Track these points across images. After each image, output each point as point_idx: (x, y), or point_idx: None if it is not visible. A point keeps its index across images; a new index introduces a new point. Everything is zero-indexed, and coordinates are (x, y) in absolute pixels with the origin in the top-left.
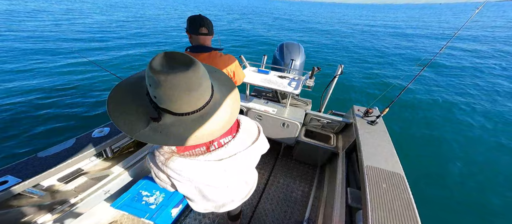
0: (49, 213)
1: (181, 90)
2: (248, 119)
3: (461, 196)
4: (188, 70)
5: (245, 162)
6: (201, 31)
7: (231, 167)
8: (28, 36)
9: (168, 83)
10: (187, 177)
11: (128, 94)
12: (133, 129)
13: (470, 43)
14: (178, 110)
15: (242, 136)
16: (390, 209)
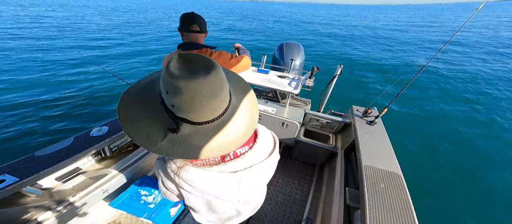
0: (47, 212)
1: (204, 97)
2: (264, 128)
3: (460, 196)
4: (210, 74)
5: (261, 175)
6: (192, 29)
7: (246, 180)
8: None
9: (190, 90)
10: (198, 188)
11: (140, 101)
12: (150, 142)
13: (470, 43)
14: (198, 119)
15: (260, 147)
16: (388, 208)
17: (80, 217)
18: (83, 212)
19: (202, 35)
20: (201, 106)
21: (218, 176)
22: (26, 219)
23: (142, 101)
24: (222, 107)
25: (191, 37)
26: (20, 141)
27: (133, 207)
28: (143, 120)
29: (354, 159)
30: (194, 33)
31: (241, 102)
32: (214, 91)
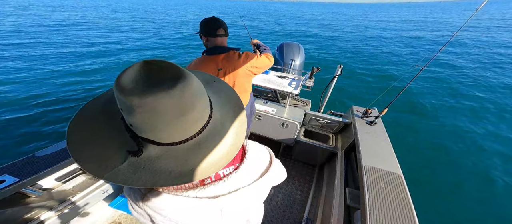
0: (47, 212)
1: (168, 117)
2: (257, 144)
3: (460, 196)
4: (174, 88)
5: (250, 199)
6: (219, 33)
7: (230, 206)
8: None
9: (147, 108)
10: (170, 218)
11: (98, 117)
12: (101, 166)
13: (471, 42)
14: (166, 140)
15: (248, 167)
16: (388, 209)
17: (80, 217)
18: (83, 213)
19: (226, 38)
20: (166, 127)
21: (195, 203)
22: (26, 219)
23: (104, 115)
24: (197, 125)
25: (216, 41)
26: (20, 141)
27: None
28: (100, 137)
29: (354, 159)
30: (220, 37)
31: (227, 118)
32: (182, 109)
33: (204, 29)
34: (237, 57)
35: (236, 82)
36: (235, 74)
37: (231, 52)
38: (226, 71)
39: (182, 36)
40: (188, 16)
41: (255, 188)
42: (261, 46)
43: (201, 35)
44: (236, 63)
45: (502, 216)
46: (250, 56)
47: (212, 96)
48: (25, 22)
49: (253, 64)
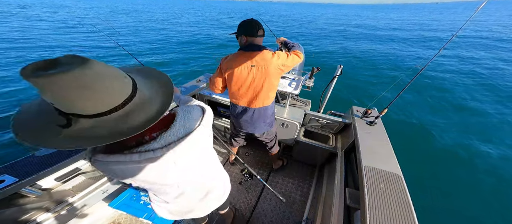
0: (47, 213)
1: (73, 91)
2: (192, 104)
3: (460, 197)
4: (74, 68)
5: (192, 147)
6: (260, 34)
7: (183, 157)
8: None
9: (52, 86)
10: (121, 177)
11: (35, 106)
12: (39, 137)
13: (472, 43)
14: (91, 112)
15: (180, 124)
16: (388, 209)
17: (80, 217)
18: (82, 213)
19: (262, 39)
20: (78, 99)
21: (134, 164)
22: (25, 219)
23: (38, 104)
24: (116, 98)
25: (255, 41)
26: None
27: (132, 208)
28: (38, 122)
29: (354, 160)
30: (259, 38)
31: (157, 95)
32: (85, 84)
33: (245, 30)
34: (270, 56)
35: (267, 78)
36: (266, 72)
37: (265, 51)
38: (258, 67)
39: (190, 39)
40: (191, 18)
41: (190, 140)
42: (289, 44)
43: (239, 35)
44: (268, 61)
45: (503, 215)
46: (281, 55)
47: (142, 80)
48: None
49: (283, 63)
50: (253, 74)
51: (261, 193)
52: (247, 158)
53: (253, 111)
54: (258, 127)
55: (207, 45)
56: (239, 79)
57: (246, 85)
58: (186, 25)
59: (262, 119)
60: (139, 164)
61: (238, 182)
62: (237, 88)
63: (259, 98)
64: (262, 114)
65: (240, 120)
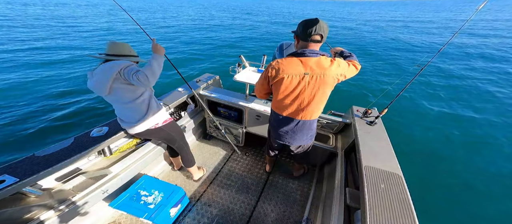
0: (47, 212)
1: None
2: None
3: (460, 197)
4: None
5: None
6: (315, 39)
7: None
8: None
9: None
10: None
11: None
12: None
13: (471, 42)
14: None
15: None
16: (388, 209)
17: (80, 217)
18: (83, 213)
19: (320, 44)
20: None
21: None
22: (26, 219)
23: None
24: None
25: (310, 46)
26: (20, 141)
27: (133, 208)
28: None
29: (354, 160)
30: (315, 43)
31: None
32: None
33: (300, 31)
34: (328, 63)
35: (321, 88)
36: (323, 81)
37: (322, 58)
38: (313, 75)
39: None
40: (192, 14)
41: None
42: (345, 53)
43: (296, 36)
44: (326, 69)
45: (503, 215)
46: (342, 64)
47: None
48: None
49: (343, 72)
50: (305, 82)
51: (261, 193)
52: (247, 158)
53: (297, 122)
54: (298, 139)
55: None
56: (287, 88)
57: (295, 95)
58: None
59: (306, 132)
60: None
61: (238, 182)
62: (283, 96)
63: (308, 109)
64: (307, 126)
65: (279, 131)
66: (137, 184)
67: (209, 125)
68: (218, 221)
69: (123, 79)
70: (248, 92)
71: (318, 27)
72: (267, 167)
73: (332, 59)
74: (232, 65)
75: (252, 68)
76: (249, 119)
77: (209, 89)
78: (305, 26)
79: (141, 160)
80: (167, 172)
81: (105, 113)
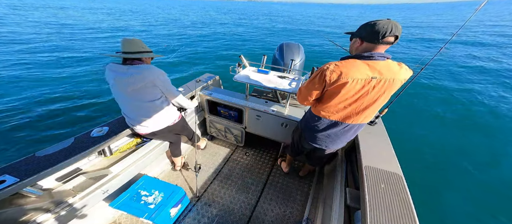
0: (47, 213)
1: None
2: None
3: (460, 197)
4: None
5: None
6: (387, 41)
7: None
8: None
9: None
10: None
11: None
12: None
13: (472, 42)
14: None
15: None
16: (388, 209)
17: (80, 217)
18: (83, 213)
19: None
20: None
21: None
22: (26, 219)
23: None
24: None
25: (379, 49)
26: (20, 141)
27: (133, 208)
28: None
29: (355, 160)
30: (384, 45)
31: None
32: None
33: (371, 31)
34: (398, 67)
35: (387, 92)
36: (391, 85)
37: (390, 61)
38: (382, 80)
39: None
40: (190, 16)
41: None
42: None
43: (359, 37)
44: (396, 74)
45: (504, 215)
46: (408, 69)
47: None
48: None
49: (407, 78)
50: (369, 87)
51: (261, 193)
52: (247, 157)
53: (345, 126)
54: (338, 143)
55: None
56: (348, 92)
57: (353, 99)
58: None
59: (349, 136)
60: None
61: (238, 182)
62: (339, 101)
63: (364, 113)
64: (354, 130)
65: (318, 134)
66: (137, 184)
67: (209, 125)
68: (218, 221)
69: (152, 85)
70: (248, 92)
71: (394, 27)
72: (285, 168)
73: (398, 63)
74: (232, 65)
75: (252, 68)
76: (249, 119)
77: (209, 89)
78: (376, 26)
79: (141, 160)
80: (167, 172)
81: (105, 113)
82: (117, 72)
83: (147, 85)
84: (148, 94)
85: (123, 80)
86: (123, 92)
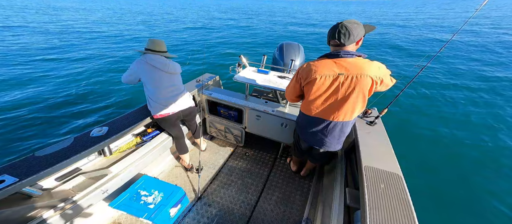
0: (47, 212)
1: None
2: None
3: (460, 197)
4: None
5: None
6: (344, 41)
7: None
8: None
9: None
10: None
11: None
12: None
13: (472, 42)
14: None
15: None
16: (388, 209)
17: (80, 217)
18: (83, 213)
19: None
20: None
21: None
22: (26, 219)
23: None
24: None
25: (345, 48)
26: (20, 141)
27: (133, 208)
28: None
29: (354, 160)
30: (347, 45)
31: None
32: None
33: (330, 34)
34: (367, 64)
35: (357, 88)
36: (359, 81)
37: (360, 58)
38: (349, 76)
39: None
40: (190, 16)
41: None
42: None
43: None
44: (364, 70)
45: (504, 215)
46: (383, 68)
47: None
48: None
49: (380, 76)
50: (338, 83)
51: (261, 193)
52: (247, 157)
53: (328, 124)
54: (327, 143)
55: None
56: (319, 89)
57: (326, 95)
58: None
59: (338, 136)
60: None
61: (238, 182)
62: (314, 98)
63: (343, 110)
64: (339, 129)
65: (307, 131)
66: (137, 184)
67: (209, 125)
68: (218, 221)
69: (179, 73)
70: (248, 92)
71: (336, 33)
72: (293, 167)
73: (369, 60)
74: (232, 65)
75: (252, 68)
76: (249, 119)
77: (209, 89)
78: (334, 29)
79: (141, 160)
80: (167, 172)
81: (105, 113)
82: (161, 62)
83: (178, 73)
84: (179, 79)
85: (172, 66)
86: (167, 75)
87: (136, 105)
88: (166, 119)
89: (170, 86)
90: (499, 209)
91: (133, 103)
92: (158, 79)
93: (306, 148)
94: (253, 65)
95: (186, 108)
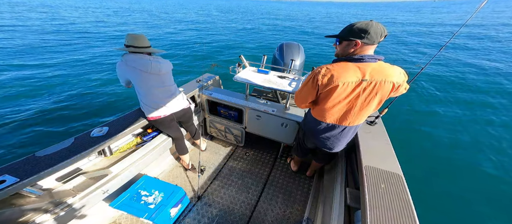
0: (47, 213)
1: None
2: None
3: (461, 196)
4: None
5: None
6: (374, 40)
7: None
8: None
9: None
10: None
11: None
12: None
13: (472, 42)
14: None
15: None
16: (388, 209)
17: (80, 217)
18: (83, 213)
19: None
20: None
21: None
22: (26, 219)
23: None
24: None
25: (371, 50)
26: (20, 141)
27: (133, 208)
28: None
29: (355, 159)
30: (373, 45)
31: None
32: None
33: (363, 33)
34: (391, 69)
35: (379, 94)
36: (383, 87)
37: (382, 63)
38: (373, 82)
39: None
40: (192, 15)
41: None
42: None
43: (347, 40)
44: (389, 76)
45: (505, 215)
46: (403, 72)
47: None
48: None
49: (401, 83)
50: (361, 89)
51: (261, 193)
52: (247, 158)
53: (342, 129)
54: (341, 144)
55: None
56: (339, 96)
57: (346, 102)
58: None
59: (350, 136)
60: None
61: (238, 182)
62: (332, 105)
63: (360, 115)
64: (352, 131)
65: (319, 137)
66: (137, 184)
67: (209, 125)
68: (218, 221)
69: (170, 71)
70: (248, 92)
71: (383, 28)
72: (293, 167)
73: (392, 66)
74: (232, 65)
75: (252, 68)
76: (249, 119)
77: (209, 89)
78: (372, 27)
79: (141, 160)
80: (167, 172)
81: (105, 113)
82: (142, 63)
83: (169, 71)
84: (170, 78)
85: (156, 66)
86: (154, 76)
87: (136, 105)
88: (159, 122)
89: (160, 87)
90: (499, 210)
91: (133, 103)
92: (145, 81)
93: (311, 149)
94: (253, 65)
95: (179, 110)
